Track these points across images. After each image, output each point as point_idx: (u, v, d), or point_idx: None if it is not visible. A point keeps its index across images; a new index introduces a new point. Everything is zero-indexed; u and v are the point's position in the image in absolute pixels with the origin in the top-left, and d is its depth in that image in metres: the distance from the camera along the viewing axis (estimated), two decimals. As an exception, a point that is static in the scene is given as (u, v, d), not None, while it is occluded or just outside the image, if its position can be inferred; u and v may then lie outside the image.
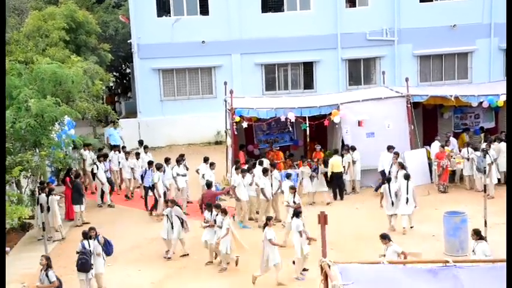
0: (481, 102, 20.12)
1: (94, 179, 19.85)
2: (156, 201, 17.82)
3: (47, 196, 16.27)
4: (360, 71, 27.62)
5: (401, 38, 27.13)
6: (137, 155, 20.34)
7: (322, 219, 8.08)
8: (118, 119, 26.75)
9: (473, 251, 11.94)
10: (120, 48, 31.30)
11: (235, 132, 19.72)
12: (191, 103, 27.10)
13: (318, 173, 18.46)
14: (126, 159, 20.15)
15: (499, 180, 18.51)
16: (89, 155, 20.39)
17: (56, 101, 16.18)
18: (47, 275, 11.83)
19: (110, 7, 32.62)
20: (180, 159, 18.67)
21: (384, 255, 11.51)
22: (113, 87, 37.08)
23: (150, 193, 18.15)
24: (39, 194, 16.40)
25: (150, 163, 18.47)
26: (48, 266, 11.92)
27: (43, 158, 16.80)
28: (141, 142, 22.00)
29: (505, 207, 16.93)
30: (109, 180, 19.48)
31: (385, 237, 12.02)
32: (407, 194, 15.67)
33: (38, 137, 16.02)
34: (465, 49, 27.33)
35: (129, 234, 16.62)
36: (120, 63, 34.26)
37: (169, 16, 27.16)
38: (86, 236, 12.80)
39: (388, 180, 16.25)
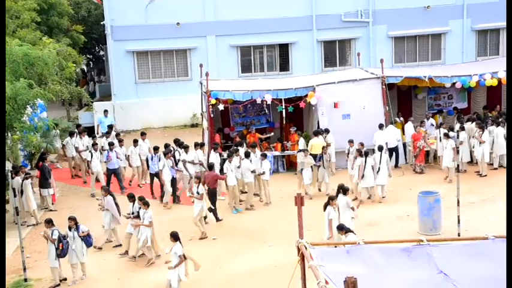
0: (454, 83, 20.37)
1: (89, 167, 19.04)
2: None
3: (22, 180, 16.10)
4: (335, 53, 27.67)
5: (375, 20, 27.21)
6: (135, 142, 19.34)
7: (299, 200, 8.14)
8: (92, 102, 26.45)
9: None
10: (93, 30, 30.80)
11: (211, 115, 19.65)
12: (166, 86, 26.88)
13: (323, 161, 17.39)
14: (120, 146, 19.29)
15: (490, 164, 18.64)
16: (81, 142, 19.88)
17: (29, 83, 15.88)
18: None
19: (82, -12, 31.99)
20: (187, 146, 18.07)
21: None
22: (87, 70, 36.55)
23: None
24: (12, 178, 16.18)
25: (155, 148, 18.01)
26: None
27: (15, 142, 16.52)
28: (110, 127, 21.33)
29: (477, 186, 17.32)
30: (109, 171, 18.45)
31: (341, 229, 11.76)
32: (379, 164, 16.68)
33: (10, 120, 15.73)
34: (438, 30, 27.55)
35: (99, 219, 16.52)
36: (93, 45, 33.74)
37: (143, -3, 26.77)
38: (50, 223, 12.80)
39: (366, 154, 16.73)
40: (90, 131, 22.68)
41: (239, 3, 26.67)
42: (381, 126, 19.11)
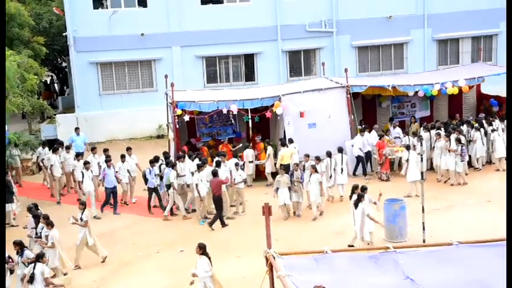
0: (417, 92, 20.74)
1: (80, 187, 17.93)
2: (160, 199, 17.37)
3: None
4: (300, 63, 27.90)
5: (339, 30, 27.56)
6: (122, 157, 18.23)
7: (266, 210, 8.13)
8: (55, 115, 26.00)
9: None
10: (55, 42, 30.32)
11: (177, 126, 19.53)
12: (131, 97, 26.64)
13: (294, 180, 16.26)
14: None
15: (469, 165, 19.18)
16: (65, 156, 19.13)
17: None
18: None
19: (43, -1, 31.56)
20: (189, 155, 17.83)
21: None
22: (49, 82, 35.94)
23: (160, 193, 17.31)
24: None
25: (152, 161, 17.49)
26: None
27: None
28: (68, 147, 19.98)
29: (440, 192, 17.61)
30: (107, 190, 17.40)
31: (200, 247, 11.29)
32: (341, 165, 17.56)
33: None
34: (401, 40, 28.06)
35: (70, 232, 16.18)
36: (55, 57, 33.22)
37: (106, 8, 26.55)
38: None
39: (329, 154, 17.43)
40: (53, 144, 22.22)
41: (204, 14, 26.68)
42: (362, 131, 19.65)
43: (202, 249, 11.26)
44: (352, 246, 13.50)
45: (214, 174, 16.19)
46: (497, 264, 7.39)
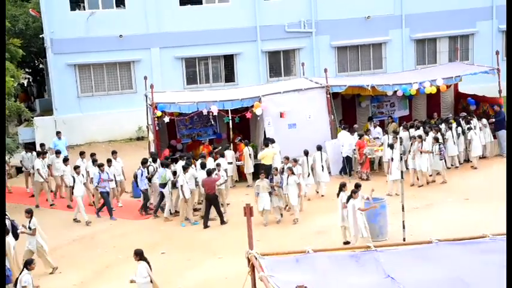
0: (396, 91, 20.90)
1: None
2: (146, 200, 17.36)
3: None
4: (279, 63, 27.94)
5: (318, 30, 27.66)
6: (109, 161, 18.00)
7: (248, 211, 8.11)
8: (32, 117, 25.68)
9: None
10: (31, 44, 29.90)
11: (157, 128, 19.43)
12: (110, 99, 26.41)
13: (283, 183, 15.98)
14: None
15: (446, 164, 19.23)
16: (54, 160, 18.85)
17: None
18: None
19: (18, 0, 31.11)
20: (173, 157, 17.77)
21: None
22: (26, 84, 35.48)
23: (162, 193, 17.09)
24: None
25: (143, 162, 17.45)
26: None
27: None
28: (58, 152, 19.70)
29: (419, 191, 17.77)
30: (104, 195, 17.20)
31: (137, 254, 11.25)
32: (322, 162, 17.82)
33: None
34: (379, 40, 28.25)
35: (49, 236, 15.99)
36: (32, 59, 32.80)
37: (84, 9, 26.30)
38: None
39: (306, 153, 17.56)
40: (31, 148, 21.95)
41: (182, 15, 26.57)
42: (350, 130, 19.76)
43: (139, 256, 11.12)
44: (348, 242, 13.62)
45: (208, 173, 16.28)
46: (476, 261, 7.48)
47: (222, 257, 14.00)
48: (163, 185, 16.81)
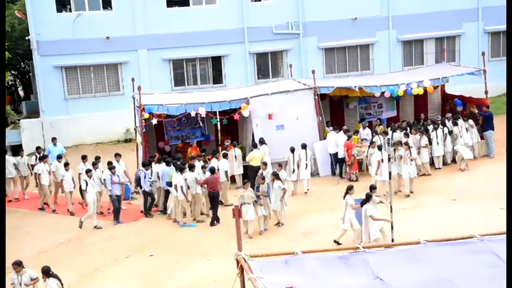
0: (383, 93, 20.98)
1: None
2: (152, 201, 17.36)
3: None
4: (267, 65, 27.96)
5: (306, 31, 27.72)
6: (110, 164, 17.57)
7: (237, 212, 8.10)
8: (19, 120, 25.47)
9: None
10: (17, 46, 29.69)
11: (145, 130, 19.34)
12: (98, 101, 26.28)
13: (270, 192, 15.38)
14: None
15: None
16: (57, 166, 18.52)
17: None
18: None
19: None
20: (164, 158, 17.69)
21: None
22: (13, 87, 35.20)
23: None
24: None
25: (144, 164, 17.42)
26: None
27: None
28: (59, 157, 19.28)
29: (409, 192, 17.84)
30: (118, 199, 16.99)
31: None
32: (306, 160, 18.19)
33: None
34: (366, 41, 28.37)
35: (36, 240, 15.92)
36: (18, 61, 32.55)
37: (70, 11, 26.14)
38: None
39: (292, 150, 18.10)
40: (17, 150, 21.78)
41: (170, 17, 26.51)
42: (345, 131, 19.85)
43: (45, 274, 10.58)
44: (339, 243, 13.68)
45: (212, 171, 16.37)
46: (464, 261, 7.51)
47: (211, 259, 13.95)
48: (170, 184, 16.80)
